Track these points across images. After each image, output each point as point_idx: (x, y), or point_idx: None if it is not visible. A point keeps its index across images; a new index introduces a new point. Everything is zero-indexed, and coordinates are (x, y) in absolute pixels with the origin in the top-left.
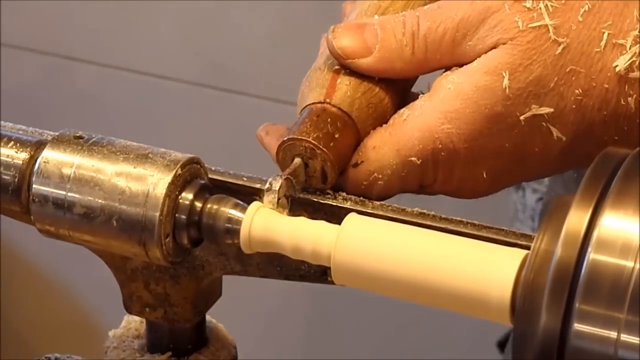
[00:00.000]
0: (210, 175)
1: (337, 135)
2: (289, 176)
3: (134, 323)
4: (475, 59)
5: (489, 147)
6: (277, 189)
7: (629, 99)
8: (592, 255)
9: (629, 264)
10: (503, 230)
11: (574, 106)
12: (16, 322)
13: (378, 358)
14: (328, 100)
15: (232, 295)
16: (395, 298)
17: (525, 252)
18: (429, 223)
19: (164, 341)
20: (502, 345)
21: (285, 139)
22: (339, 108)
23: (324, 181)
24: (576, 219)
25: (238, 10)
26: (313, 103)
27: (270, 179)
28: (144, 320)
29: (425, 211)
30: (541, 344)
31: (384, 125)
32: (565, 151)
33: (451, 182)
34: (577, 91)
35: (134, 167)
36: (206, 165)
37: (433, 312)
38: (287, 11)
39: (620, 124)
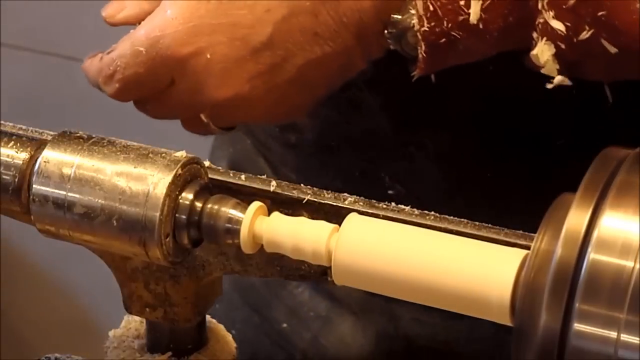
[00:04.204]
0: (210, 175)
1: None
2: None
3: (134, 323)
4: None
5: (199, 24)
6: None
7: None
8: (592, 255)
9: (629, 263)
10: (503, 230)
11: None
12: (16, 322)
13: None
14: None
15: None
16: (395, 298)
17: (525, 252)
18: (429, 223)
19: (164, 341)
20: None
21: None
22: None
23: None
24: (576, 219)
25: None
26: None
27: None
28: (144, 320)
29: (425, 211)
30: (541, 343)
31: None
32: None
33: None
34: None
35: (134, 167)
36: (206, 165)
37: None
38: None
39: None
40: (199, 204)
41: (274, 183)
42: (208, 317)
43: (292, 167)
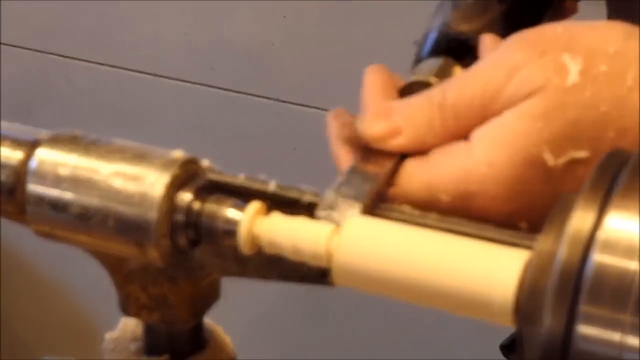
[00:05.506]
0: (209, 176)
1: None
2: None
3: (130, 325)
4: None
5: (524, 191)
6: None
7: None
8: (596, 256)
9: (634, 265)
10: (506, 231)
11: (609, 148)
12: (14, 324)
13: (378, 359)
14: None
15: (230, 297)
16: (396, 300)
17: (528, 253)
18: (430, 223)
19: (161, 343)
20: (505, 348)
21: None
22: None
23: None
24: (580, 220)
25: (238, 10)
26: None
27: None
28: (141, 322)
29: (426, 211)
30: (545, 346)
31: (422, 157)
32: None
33: None
34: (611, 133)
35: (131, 167)
36: (205, 165)
37: (434, 314)
38: (288, 11)
39: None
40: (196, 205)
41: (273, 183)
42: (206, 319)
43: None
